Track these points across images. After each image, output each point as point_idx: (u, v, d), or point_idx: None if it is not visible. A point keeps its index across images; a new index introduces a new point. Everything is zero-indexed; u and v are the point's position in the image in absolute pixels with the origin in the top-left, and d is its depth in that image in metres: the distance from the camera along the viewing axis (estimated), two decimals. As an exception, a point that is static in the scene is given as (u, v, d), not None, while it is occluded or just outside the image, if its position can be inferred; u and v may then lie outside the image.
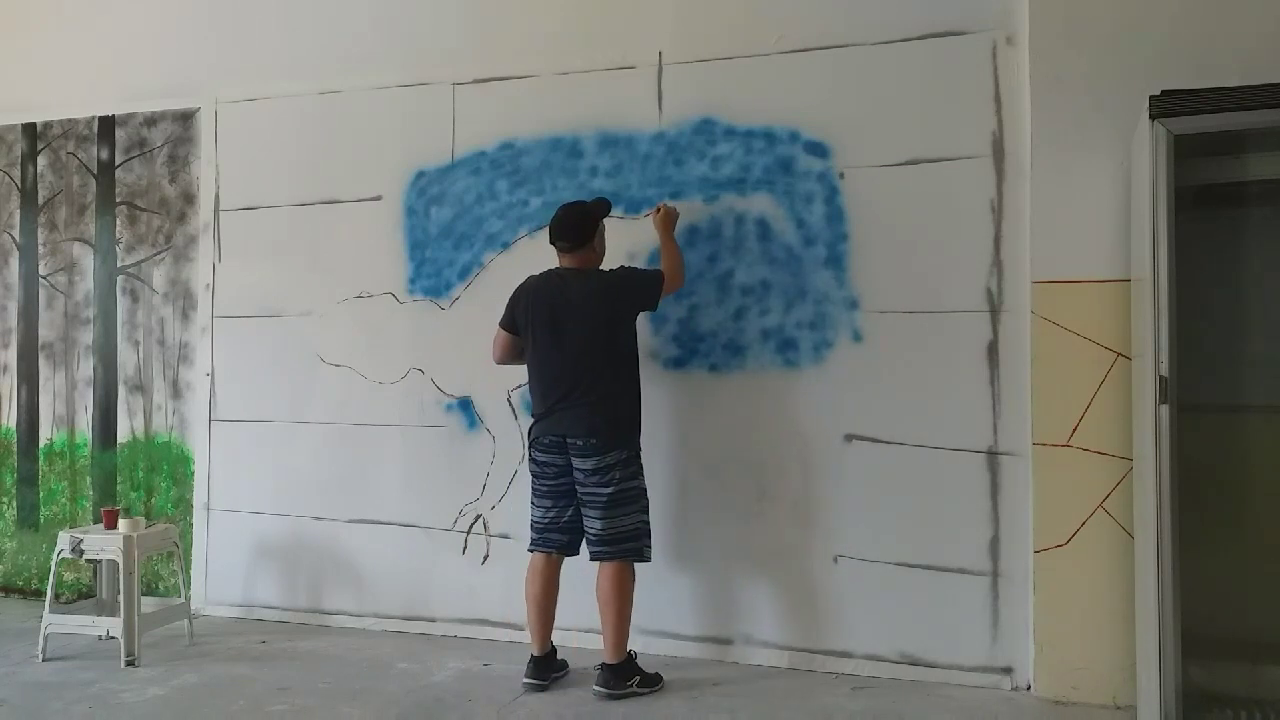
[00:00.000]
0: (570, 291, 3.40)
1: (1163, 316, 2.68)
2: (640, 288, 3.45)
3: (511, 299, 3.54)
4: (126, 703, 3.31)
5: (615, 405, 3.39)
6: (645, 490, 3.45)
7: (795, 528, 3.65)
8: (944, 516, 3.48)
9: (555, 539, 3.45)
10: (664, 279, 3.48)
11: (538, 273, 3.53)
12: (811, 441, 3.63)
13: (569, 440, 3.35)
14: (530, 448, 3.48)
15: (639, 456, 3.44)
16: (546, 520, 3.45)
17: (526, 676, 3.43)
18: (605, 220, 3.57)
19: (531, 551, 3.50)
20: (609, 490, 3.33)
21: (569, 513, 3.43)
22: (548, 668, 3.46)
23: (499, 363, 3.66)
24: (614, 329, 3.40)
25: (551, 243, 3.50)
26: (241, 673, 3.61)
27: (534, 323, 3.43)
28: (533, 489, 3.50)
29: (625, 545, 3.36)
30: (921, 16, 3.55)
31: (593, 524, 3.36)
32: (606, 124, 3.93)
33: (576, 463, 3.36)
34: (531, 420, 3.49)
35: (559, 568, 3.48)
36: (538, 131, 4.02)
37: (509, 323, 3.54)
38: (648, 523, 3.43)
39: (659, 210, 3.64)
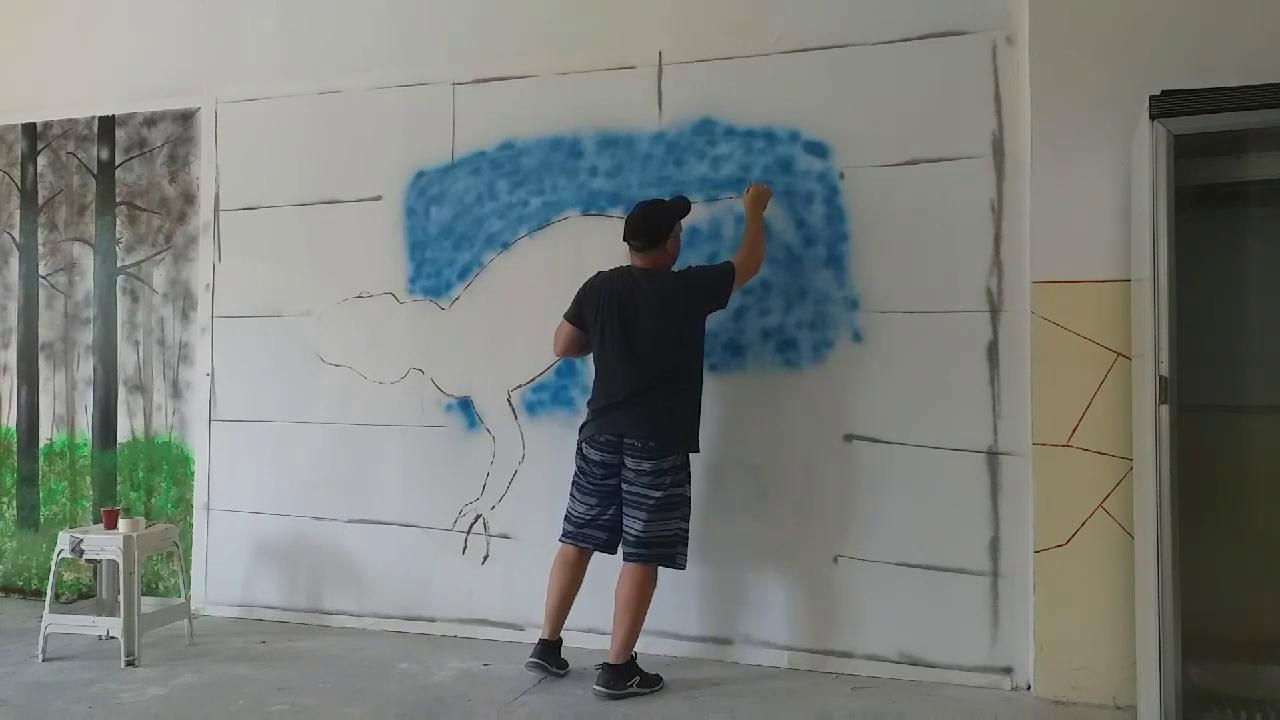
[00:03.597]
0: (640, 293, 3.40)
1: (1163, 316, 2.68)
2: (709, 289, 3.42)
3: (580, 293, 3.53)
4: (126, 703, 3.31)
5: (677, 409, 3.39)
6: (690, 498, 3.44)
7: (795, 528, 3.65)
8: (944, 516, 3.48)
9: (594, 536, 3.45)
10: (735, 271, 3.42)
11: (608, 268, 3.53)
12: (811, 441, 3.63)
13: (626, 440, 3.35)
14: (583, 444, 3.46)
15: (689, 464, 3.44)
16: (588, 517, 3.45)
17: (532, 656, 3.46)
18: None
19: (563, 543, 3.50)
20: (658, 494, 3.33)
21: (611, 510, 3.43)
22: (554, 655, 3.49)
23: (559, 355, 3.70)
24: (681, 333, 3.39)
25: (625, 239, 3.49)
26: (241, 673, 3.60)
27: (603, 320, 3.42)
28: (575, 484, 3.50)
29: (660, 550, 3.36)
30: (921, 16, 3.55)
31: (633, 525, 3.36)
32: (606, 124, 3.93)
33: (630, 463, 3.36)
34: (587, 415, 3.49)
35: (588, 561, 3.50)
36: (538, 131, 4.02)
37: (576, 316, 3.53)
38: (687, 530, 3.43)
39: (749, 189, 3.60)
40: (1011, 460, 3.42)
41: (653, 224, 3.45)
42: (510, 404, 4.02)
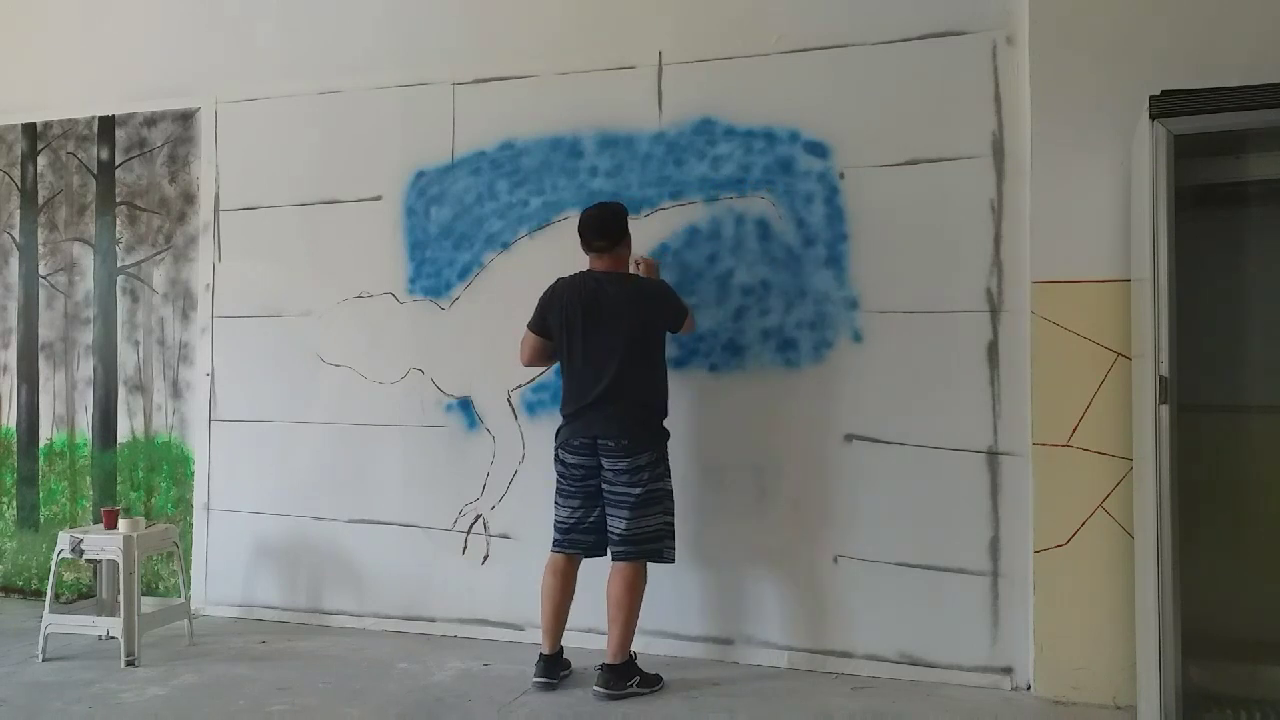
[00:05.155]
0: (604, 294, 3.40)
1: (1163, 316, 2.68)
2: (672, 307, 3.47)
3: (542, 301, 3.52)
4: (126, 703, 3.31)
5: (647, 407, 3.41)
6: (671, 492, 3.46)
7: (795, 528, 3.65)
8: (944, 516, 3.48)
9: (581, 540, 3.45)
10: (688, 318, 3.52)
11: (566, 275, 3.52)
12: (811, 441, 3.63)
13: (600, 441, 3.36)
14: (560, 449, 3.47)
15: (666, 458, 3.45)
16: (572, 521, 3.45)
17: (536, 675, 3.44)
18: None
19: (553, 552, 3.49)
20: (637, 491, 3.34)
21: (595, 513, 3.43)
22: (558, 667, 3.48)
23: (526, 365, 3.67)
24: (648, 332, 3.41)
25: (588, 244, 3.47)
26: (241, 673, 3.61)
27: (568, 325, 3.42)
28: (558, 489, 3.50)
29: (647, 546, 3.36)
30: (921, 16, 3.55)
31: (617, 524, 3.36)
32: (606, 124, 3.93)
33: (607, 463, 3.36)
34: (561, 421, 3.49)
35: (578, 568, 3.49)
36: (538, 131, 4.02)
37: (539, 325, 3.52)
38: (671, 524, 3.44)
39: (638, 265, 3.62)
40: (1011, 460, 3.42)
41: (609, 224, 3.46)
42: (510, 404, 4.02)
